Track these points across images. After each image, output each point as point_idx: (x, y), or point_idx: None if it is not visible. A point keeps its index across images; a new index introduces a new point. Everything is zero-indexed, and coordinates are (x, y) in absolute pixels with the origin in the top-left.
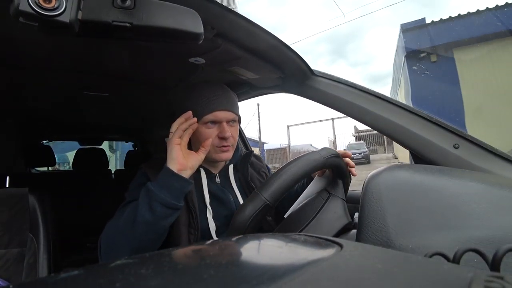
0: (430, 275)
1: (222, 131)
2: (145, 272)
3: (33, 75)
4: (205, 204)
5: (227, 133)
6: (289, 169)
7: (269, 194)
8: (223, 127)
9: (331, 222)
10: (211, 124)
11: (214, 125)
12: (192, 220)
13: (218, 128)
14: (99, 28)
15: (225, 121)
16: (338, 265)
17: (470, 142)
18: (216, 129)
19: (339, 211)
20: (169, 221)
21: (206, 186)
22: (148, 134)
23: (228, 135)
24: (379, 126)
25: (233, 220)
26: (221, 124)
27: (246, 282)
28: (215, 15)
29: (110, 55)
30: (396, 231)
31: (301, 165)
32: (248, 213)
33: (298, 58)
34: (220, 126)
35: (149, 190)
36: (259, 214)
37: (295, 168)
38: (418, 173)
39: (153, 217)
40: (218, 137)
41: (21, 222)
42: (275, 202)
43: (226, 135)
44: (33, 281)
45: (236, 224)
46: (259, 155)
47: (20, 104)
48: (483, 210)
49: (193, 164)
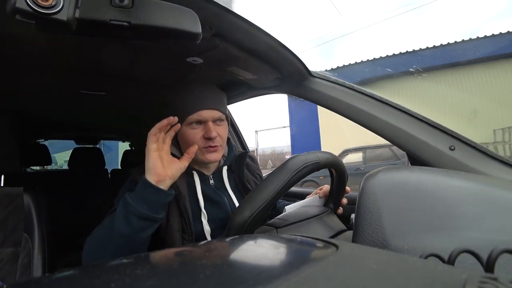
0: (425, 276)
1: (207, 131)
2: (140, 272)
3: (29, 74)
4: (200, 208)
5: (212, 132)
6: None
7: (262, 198)
8: (208, 127)
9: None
10: (196, 125)
11: (199, 125)
12: (186, 225)
13: (204, 128)
14: (96, 27)
15: (210, 120)
16: (334, 266)
17: (466, 144)
18: (201, 129)
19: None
20: (149, 232)
21: (200, 189)
22: (145, 134)
23: (214, 135)
24: (376, 127)
25: (230, 221)
26: (207, 123)
27: (242, 282)
28: (213, 15)
29: (108, 54)
30: (392, 232)
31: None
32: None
33: (296, 59)
34: (206, 126)
35: (127, 202)
36: (258, 215)
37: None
38: (414, 174)
39: (129, 230)
40: (204, 137)
41: (16, 221)
42: (271, 206)
43: (211, 135)
44: (27, 281)
45: (235, 225)
46: (254, 157)
47: (16, 103)
48: (478, 211)
49: (173, 173)
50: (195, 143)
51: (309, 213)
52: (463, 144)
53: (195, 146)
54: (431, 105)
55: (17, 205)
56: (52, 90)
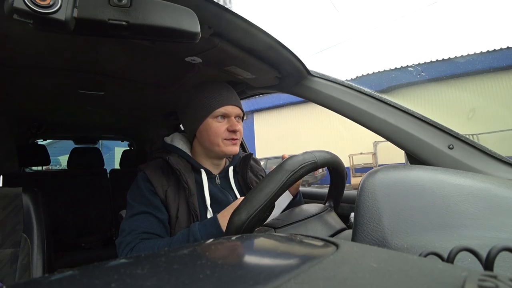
0: (425, 274)
1: (232, 124)
2: (140, 272)
3: (28, 74)
4: (206, 206)
5: (237, 125)
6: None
7: (259, 200)
8: (233, 121)
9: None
10: (221, 118)
11: (223, 120)
12: (193, 222)
13: (228, 122)
14: (95, 26)
15: (234, 115)
16: (334, 265)
17: (465, 143)
18: (225, 123)
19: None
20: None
21: (207, 187)
22: (143, 133)
23: (239, 127)
24: (375, 126)
25: (228, 223)
26: (230, 118)
27: (243, 282)
28: (212, 14)
29: (106, 53)
30: (392, 231)
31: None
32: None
33: (295, 58)
34: (230, 120)
35: (195, 237)
36: (256, 216)
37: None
38: (413, 173)
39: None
40: (228, 130)
41: (15, 222)
42: (268, 207)
43: (236, 127)
44: (27, 281)
45: (233, 227)
46: (257, 159)
47: (14, 103)
48: (477, 209)
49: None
50: (219, 135)
51: (308, 212)
52: (461, 143)
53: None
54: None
55: (16, 205)
56: (51, 90)
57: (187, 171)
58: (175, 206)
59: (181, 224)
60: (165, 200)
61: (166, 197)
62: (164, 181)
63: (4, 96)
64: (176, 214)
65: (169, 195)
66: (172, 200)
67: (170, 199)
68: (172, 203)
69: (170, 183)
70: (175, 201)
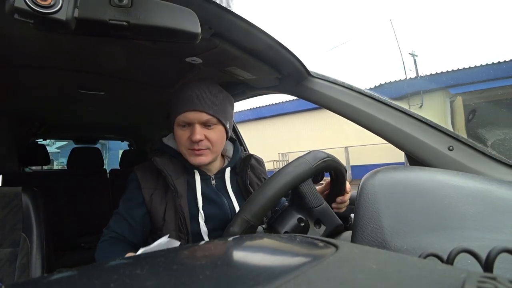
0: (424, 275)
1: (192, 133)
2: (140, 272)
3: (28, 74)
4: (198, 208)
5: (195, 135)
6: (274, 185)
7: (253, 214)
8: (194, 130)
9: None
10: (183, 126)
11: (186, 127)
12: (181, 225)
13: (190, 131)
14: (95, 27)
15: (196, 122)
16: (333, 266)
17: (464, 145)
18: (188, 131)
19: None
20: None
21: (200, 189)
22: (144, 134)
23: (196, 138)
24: (375, 127)
25: (224, 234)
26: (193, 126)
27: (242, 282)
28: (213, 15)
29: (107, 53)
30: (391, 232)
31: (286, 179)
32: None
33: (295, 58)
34: (192, 129)
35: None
36: (247, 233)
37: (279, 183)
38: (413, 174)
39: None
40: (190, 139)
41: (14, 221)
42: (260, 220)
43: (193, 137)
44: (26, 281)
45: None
46: (260, 159)
47: (14, 103)
48: (476, 211)
49: None
50: (182, 143)
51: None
52: (461, 145)
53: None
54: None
55: (16, 205)
56: (51, 90)
57: (176, 172)
58: (161, 209)
59: (169, 226)
60: (150, 203)
61: (152, 200)
62: (152, 183)
63: (4, 95)
64: (163, 217)
65: (155, 198)
66: (159, 203)
67: (156, 202)
68: (158, 205)
69: (158, 185)
70: (162, 204)
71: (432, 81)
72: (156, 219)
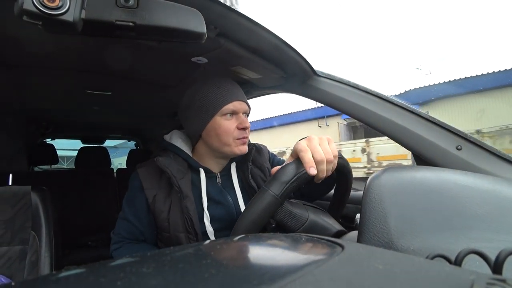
0: (432, 277)
1: (242, 122)
2: (146, 270)
3: (36, 74)
4: (203, 208)
5: (247, 122)
6: (239, 229)
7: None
8: (242, 118)
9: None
10: (230, 116)
11: (232, 117)
12: (188, 226)
13: (236, 120)
14: (102, 27)
15: (242, 112)
16: (339, 266)
17: (473, 144)
18: (234, 120)
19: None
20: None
21: (205, 189)
22: (150, 133)
23: (249, 124)
24: (382, 127)
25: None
26: (239, 115)
27: (247, 282)
28: (218, 14)
29: (113, 54)
30: (398, 233)
31: (253, 218)
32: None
33: (300, 57)
34: (238, 117)
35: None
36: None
37: (245, 226)
38: (420, 174)
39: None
40: (238, 128)
41: (24, 220)
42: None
43: (247, 124)
44: (35, 278)
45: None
46: (263, 147)
47: (23, 103)
48: (485, 212)
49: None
50: (230, 133)
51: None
52: (470, 144)
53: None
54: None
55: (25, 203)
56: (59, 90)
57: (181, 171)
58: (165, 209)
59: (176, 228)
60: (153, 204)
61: (155, 201)
62: (155, 183)
63: (13, 96)
64: (167, 217)
65: (158, 199)
66: (162, 203)
67: (160, 203)
68: (162, 206)
69: (161, 185)
70: (166, 204)
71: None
72: (160, 220)
